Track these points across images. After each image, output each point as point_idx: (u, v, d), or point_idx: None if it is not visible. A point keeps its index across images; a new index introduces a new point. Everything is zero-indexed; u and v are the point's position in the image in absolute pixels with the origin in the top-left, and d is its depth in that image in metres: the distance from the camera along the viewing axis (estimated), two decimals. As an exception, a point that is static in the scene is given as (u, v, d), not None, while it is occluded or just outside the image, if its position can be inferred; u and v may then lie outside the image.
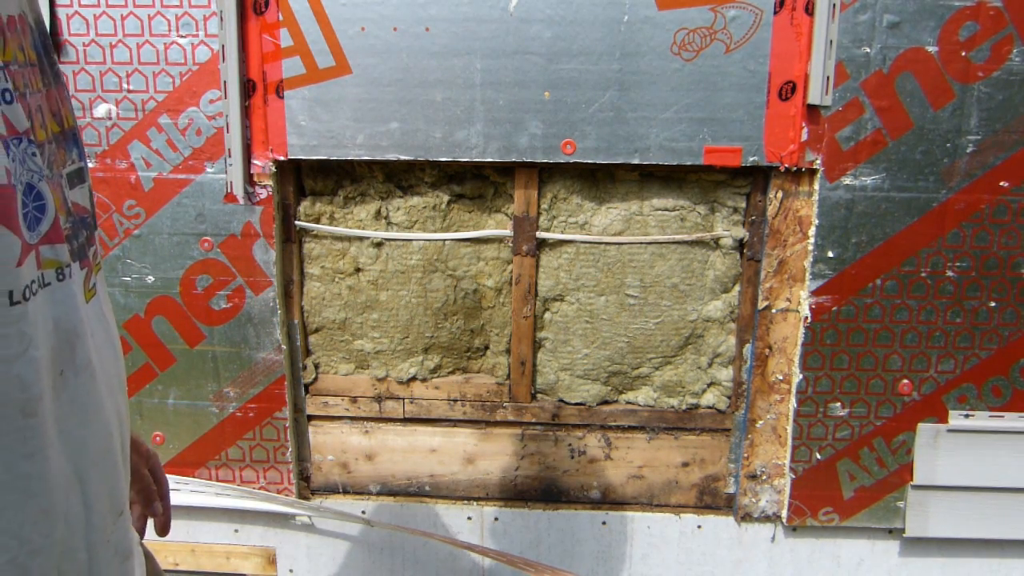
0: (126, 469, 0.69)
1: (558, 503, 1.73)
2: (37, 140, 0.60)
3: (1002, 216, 1.47)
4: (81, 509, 0.61)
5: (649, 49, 1.43)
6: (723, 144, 1.47)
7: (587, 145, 1.48)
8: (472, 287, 1.63)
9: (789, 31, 1.41)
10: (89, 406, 0.64)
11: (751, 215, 1.56)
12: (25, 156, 0.58)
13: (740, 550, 1.72)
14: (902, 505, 1.61)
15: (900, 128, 1.44)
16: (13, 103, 0.57)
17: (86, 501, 0.61)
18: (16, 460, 0.57)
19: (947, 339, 1.52)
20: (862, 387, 1.55)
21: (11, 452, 0.57)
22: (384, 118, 1.48)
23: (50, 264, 0.60)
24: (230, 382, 1.62)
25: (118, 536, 0.67)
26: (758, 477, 1.66)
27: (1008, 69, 1.40)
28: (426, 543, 1.71)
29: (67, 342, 0.62)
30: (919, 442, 1.57)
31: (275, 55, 1.46)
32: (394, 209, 1.59)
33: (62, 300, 0.61)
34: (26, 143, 0.58)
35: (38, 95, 0.64)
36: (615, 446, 1.70)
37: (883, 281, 1.50)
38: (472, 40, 1.44)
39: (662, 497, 1.72)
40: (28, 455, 0.58)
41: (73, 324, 0.62)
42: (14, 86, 0.58)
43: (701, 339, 1.63)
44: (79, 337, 0.63)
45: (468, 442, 1.71)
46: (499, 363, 1.68)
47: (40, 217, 0.59)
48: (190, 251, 1.55)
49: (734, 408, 1.66)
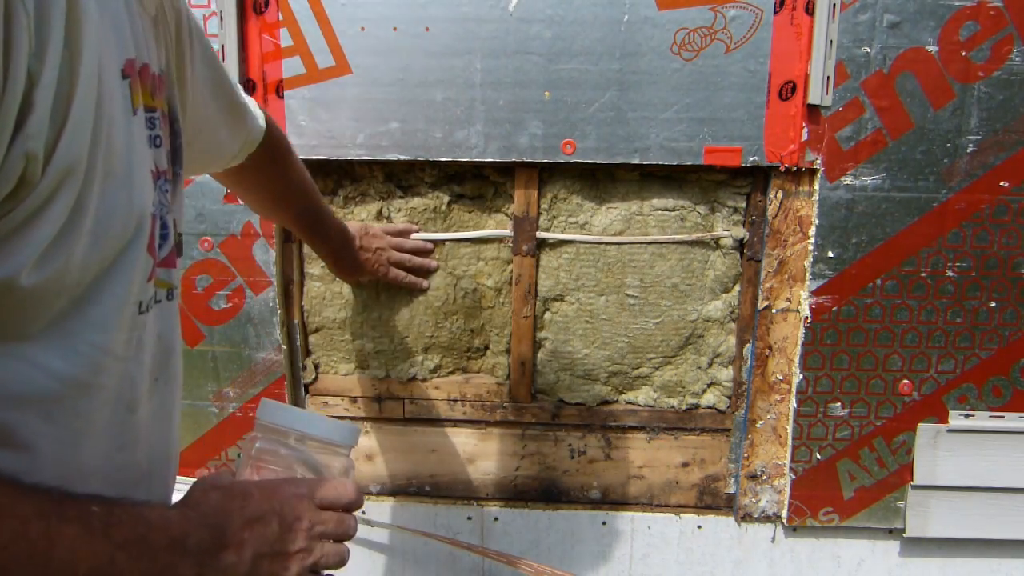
0: (175, 470, 0.78)
1: (558, 503, 1.73)
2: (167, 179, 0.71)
3: (1002, 216, 1.47)
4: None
5: (649, 49, 1.43)
6: (723, 144, 1.47)
7: (587, 145, 1.47)
8: (472, 287, 1.63)
9: (789, 31, 1.41)
10: (168, 412, 0.73)
11: (751, 215, 1.56)
12: (160, 192, 0.67)
13: (740, 550, 1.72)
14: (902, 505, 1.61)
15: (900, 128, 1.44)
16: (160, 147, 0.67)
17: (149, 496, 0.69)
18: (112, 451, 0.65)
19: (947, 339, 1.52)
20: (862, 387, 1.55)
21: (112, 443, 0.65)
22: (384, 118, 1.48)
23: (163, 285, 0.69)
24: (230, 382, 1.62)
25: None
26: (758, 477, 1.66)
27: (1008, 69, 1.40)
28: (426, 543, 1.71)
29: (164, 354, 0.70)
30: (919, 442, 1.57)
31: (275, 55, 1.46)
32: (394, 209, 1.59)
33: (166, 317, 0.70)
34: (163, 181, 0.68)
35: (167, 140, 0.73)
36: (615, 446, 1.70)
37: (883, 281, 1.50)
38: (472, 40, 1.44)
39: (662, 497, 1.72)
40: (121, 447, 0.66)
41: (171, 339, 0.71)
42: (160, 133, 0.68)
43: (701, 339, 1.63)
44: (173, 351, 0.72)
45: (468, 442, 1.71)
46: (499, 363, 1.68)
47: (163, 244, 0.68)
48: (190, 251, 1.55)
49: (734, 408, 1.66)
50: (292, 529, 0.68)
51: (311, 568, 0.71)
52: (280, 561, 0.68)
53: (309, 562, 0.70)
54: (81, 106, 0.52)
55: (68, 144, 0.52)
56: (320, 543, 0.71)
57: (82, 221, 0.55)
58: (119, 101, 0.58)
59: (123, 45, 0.60)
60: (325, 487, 0.73)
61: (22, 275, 0.52)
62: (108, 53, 0.56)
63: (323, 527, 0.71)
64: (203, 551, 0.62)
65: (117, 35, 0.58)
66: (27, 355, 0.56)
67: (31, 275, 0.52)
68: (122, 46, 0.59)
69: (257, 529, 0.66)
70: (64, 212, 0.53)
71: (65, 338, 0.58)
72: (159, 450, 0.72)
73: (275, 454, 0.77)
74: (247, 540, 0.65)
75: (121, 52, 0.59)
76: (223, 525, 0.65)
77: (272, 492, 0.70)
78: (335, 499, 0.73)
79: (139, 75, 0.63)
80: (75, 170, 0.53)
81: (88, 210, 0.55)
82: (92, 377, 0.60)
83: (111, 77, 0.56)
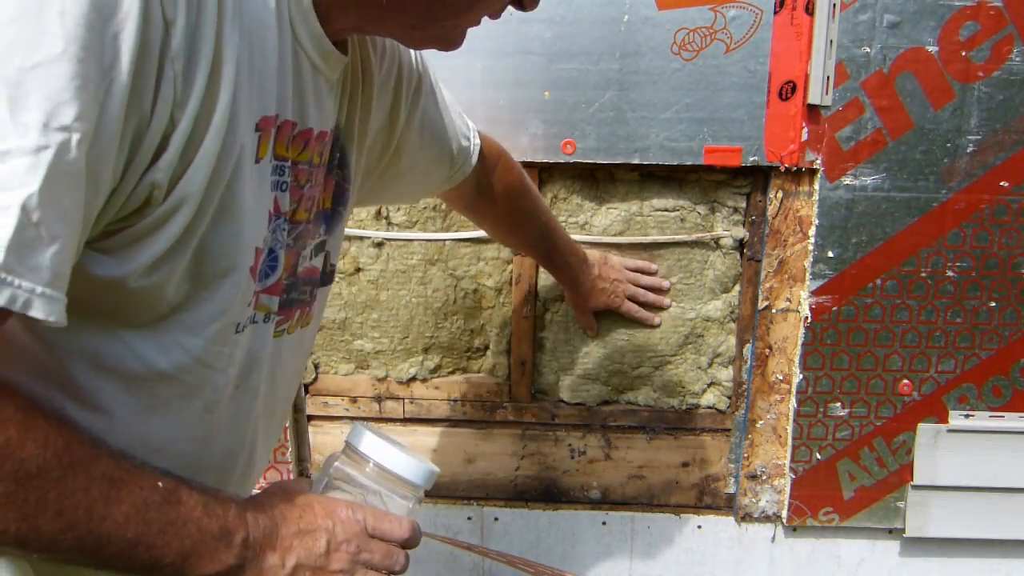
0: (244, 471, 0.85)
1: (558, 503, 1.73)
2: (296, 220, 0.79)
3: (1002, 216, 1.47)
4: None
5: (649, 49, 1.43)
6: (723, 144, 1.47)
7: (587, 145, 1.47)
8: (472, 287, 1.63)
9: (789, 31, 1.41)
10: (242, 418, 0.80)
11: (751, 215, 1.56)
12: (277, 229, 0.75)
13: (740, 550, 1.72)
14: (902, 505, 1.61)
15: (900, 128, 1.44)
16: (286, 192, 0.75)
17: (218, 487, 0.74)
18: (179, 438, 0.73)
19: (947, 339, 1.52)
20: (862, 387, 1.55)
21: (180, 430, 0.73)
22: (384, 118, 1.47)
23: (263, 309, 0.77)
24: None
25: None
26: (758, 477, 1.65)
27: (1008, 69, 1.40)
28: (426, 543, 1.71)
29: (249, 368, 0.78)
30: (919, 442, 1.57)
31: (275, 55, 1.46)
32: (394, 209, 1.59)
33: (259, 336, 0.78)
34: (283, 221, 0.76)
35: (316, 187, 0.82)
36: (615, 446, 1.70)
37: (883, 281, 1.50)
38: (472, 40, 1.43)
39: (662, 497, 1.72)
40: (190, 438, 0.74)
41: (259, 356, 0.79)
42: (294, 180, 0.76)
43: (701, 339, 1.63)
44: (259, 367, 0.79)
45: (468, 442, 1.71)
46: (499, 363, 1.68)
47: (270, 274, 0.76)
48: (190, 251, 1.55)
49: (734, 408, 1.66)
50: (339, 549, 0.73)
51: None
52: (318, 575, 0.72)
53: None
54: (207, 151, 0.61)
55: (189, 179, 0.61)
56: (363, 570, 0.75)
57: (190, 242, 0.64)
58: (246, 150, 0.66)
59: (264, 103, 0.68)
60: (382, 518, 0.77)
61: (130, 279, 0.62)
62: (245, 108, 0.65)
63: (369, 555, 0.75)
64: (250, 546, 0.67)
65: (261, 93, 0.67)
66: (126, 340, 0.66)
67: (139, 280, 0.62)
68: (263, 103, 0.68)
69: (306, 541, 0.71)
70: (176, 233, 0.62)
71: (160, 335, 0.67)
72: (230, 450, 0.80)
73: (349, 478, 0.80)
74: (294, 547, 0.70)
75: (260, 109, 0.68)
76: (277, 527, 0.70)
77: (331, 511, 0.74)
78: (388, 532, 0.77)
79: (278, 130, 0.71)
80: (190, 200, 0.62)
81: (197, 234, 0.64)
82: (176, 372, 0.69)
83: (243, 129, 0.65)
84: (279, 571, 0.69)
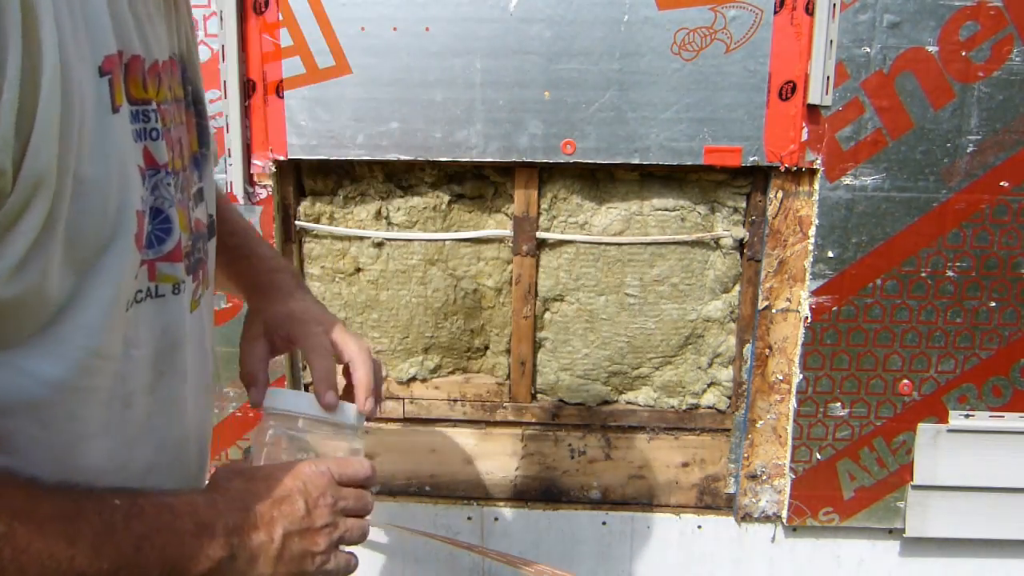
0: (200, 459, 0.79)
1: (558, 503, 1.73)
2: (174, 170, 0.68)
3: (1002, 216, 1.47)
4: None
5: (649, 49, 1.43)
6: (723, 144, 1.47)
7: (587, 145, 1.47)
8: (472, 287, 1.63)
9: (789, 31, 1.41)
10: (175, 406, 0.72)
11: (751, 215, 1.56)
12: (159, 185, 0.65)
13: (740, 550, 1.72)
14: (902, 505, 1.60)
15: (900, 128, 1.44)
16: (159, 140, 0.65)
17: (164, 486, 0.68)
18: (115, 448, 0.65)
19: (947, 339, 1.52)
20: (862, 387, 1.55)
21: (113, 440, 0.64)
22: (384, 118, 1.48)
23: (168, 279, 0.68)
24: (230, 382, 1.62)
25: None
26: (758, 477, 1.65)
27: (1008, 69, 1.40)
28: (426, 543, 1.71)
29: (171, 348, 0.70)
30: (919, 442, 1.57)
31: (275, 55, 1.46)
32: (394, 209, 1.59)
33: (174, 311, 0.69)
34: (163, 174, 0.66)
35: (181, 127, 0.72)
36: (615, 446, 1.70)
37: (883, 281, 1.50)
38: (472, 40, 1.44)
39: (662, 497, 1.72)
40: (125, 443, 0.66)
41: (178, 333, 0.70)
42: (163, 124, 0.66)
43: (701, 339, 1.63)
44: (181, 345, 0.71)
45: (468, 442, 1.71)
46: (499, 363, 1.68)
47: (164, 238, 0.66)
48: (190, 251, 1.55)
49: (734, 408, 1.66)
50: (318, 505, 0.71)
51: (337, 542, 0.73)
52: (309, 537, 0.70)
53: (336, 536, 0.73)
54: (45, 117, 0.51)
55: (35, 156, 0.51)
56: (344, 518, 0.74)
57: (56, 229, 0.54)
58: (93, 102, 0.57)
59: (102, 42, 0.58)
60: (344, 465, 0.76)
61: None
62: (79, 55, 0.55)
63: (345, 502, 0.74)
64: (232, 532, 0.64)
65: (93, 33, 0.57)
66: (15, 363, 0.56)
67: (8, 287, 0.53)
68: (101, 43, 0.58)
69: (284, 507, 0.69)
70: (38, 223, 0.53)
71: (55, 344, 0.58)
72: (171, 442, 0.72)
73: (288, 438, 0.80)
74: (276, 518, 0.68)
75: (99, 50, 0.58)
76: (251, 506, 0.67)
77: (295, 472, 0.72)
78: (354, 475, 0.76)
79: (126, 69, 0.61)
80: (45, 181, 0.52)
81: (61, 218, 0.54)
82: (84, 380, 0.60)
83: (84, 79, 0.56)
84: (269, 546, 0.67)
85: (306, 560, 0.70)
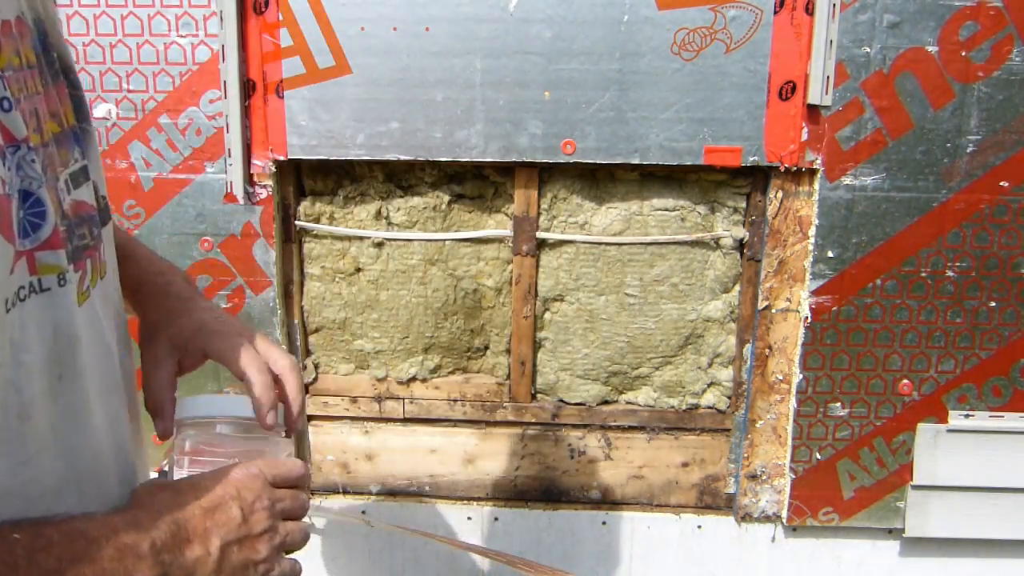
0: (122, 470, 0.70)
1: (558, 503, 1.73)
2: (34, 145, 0.60)
3: (1002, 216, 1.47)
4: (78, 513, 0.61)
5: (649, 49, 1.43)
6: (723, 144, 1.47)
7: (587, 145, 1.47)
8: (472, 287, 1.63)
9: (789, 31, 1.41)
10: (80, 411, 0.64)
11: (751, 215, 1.56)
12: (23, 163, 0.57)
13: (740, 550, 1.72)
14: (902, 505, 1.61)
15: (900, 128, 1.44)
16: (12, 111, 0.57)
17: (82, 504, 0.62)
18: (15, 466, 0.57)
19: (947, 339, 1.52)
20: (862, 387, 1.55)
21: (11, 458, 0.56)
22: (384, 118, 1.48)
23: (50, 270, 0.59)
24: (230, 382, 1.61)
25: None
26: (758, 477, 1.66)
27: (1008, 69, 1.40)
28: (426, 543, 1.71)
29: (67, 347, 0.61)
30: (919, 442, 1.57)
31: (275, 55, 1.46)
32: (394, 209, 1.59)
33: (62, 305, 0.60)
34: (24, 150, 0.57)
35: (36, 97, 0.63)
36: (615, 446, 1.70)
37: (883, 281, 1.50)
38: (472, 40, 1.44)
39: (662, 497, 1.72)
40: (26, 461, 0.57)
41: (71, 331, 0.62)
42: (11, 93, 0.58)
43: (701, 339, 1.63)
44: (77, 342, 0.62)
45: (468, 442, 1.71)
46: (499, 363, 1.68)
47: (39, 224, 0.58)
48: (190, 251, 1.55)
49: (734, 408, 1.66)
50: (254, 510, 0.66)
51: (279, 548, 0.68)
52: (249, 545, 0.65)
53: (277, 541, 0.68)
54: None
55: None
56: (283, 522, 0.69)
57: None
58: None
59: None
60: (275, 465, 0.71)
61: None
62: None
63: (283, 504, 0.69)
64: (163, 550, 0.58)
65: None
66: None
67: None
68: None
69: (219, 516, 0.63)
70: None
71: None
72: (83, 452, 0.64)
73: (209, 445, 0.74)
74: (211, 529, 0.62)
75: None
76: (180, 519, 0.61)
77: (225, 477, 0.66)
78: (287, 475, 0.71)
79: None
80: None
81: None
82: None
83: None
84: (207, 560, 0.61)
85: (248, 571, 0.65)
